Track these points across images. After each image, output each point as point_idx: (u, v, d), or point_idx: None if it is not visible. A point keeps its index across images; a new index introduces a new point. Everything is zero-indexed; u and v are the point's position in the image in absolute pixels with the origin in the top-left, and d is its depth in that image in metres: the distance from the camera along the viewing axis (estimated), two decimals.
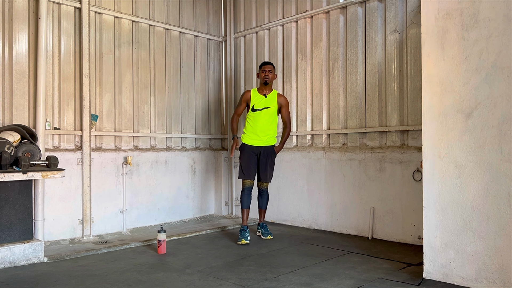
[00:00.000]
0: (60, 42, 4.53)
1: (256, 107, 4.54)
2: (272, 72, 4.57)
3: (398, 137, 4.37)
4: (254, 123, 4.54)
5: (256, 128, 4.53)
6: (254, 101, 4.56)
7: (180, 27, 5.70)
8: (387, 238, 4.37)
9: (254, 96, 4.58)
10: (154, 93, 5.39)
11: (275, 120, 4.64)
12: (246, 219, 4.55)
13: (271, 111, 4.57)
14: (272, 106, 4.56)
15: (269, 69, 4.56)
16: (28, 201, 3.78)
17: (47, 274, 3.33)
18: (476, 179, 2.87)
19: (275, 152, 4.66)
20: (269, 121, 4.56)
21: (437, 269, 3.04)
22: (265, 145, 4.56)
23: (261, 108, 4.53)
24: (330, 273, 3.26)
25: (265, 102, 4.54)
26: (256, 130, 4.53)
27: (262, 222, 4.69)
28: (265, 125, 4.54)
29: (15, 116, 4.16)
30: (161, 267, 3.50)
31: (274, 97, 4.60)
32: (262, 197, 4.68)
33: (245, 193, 4.57)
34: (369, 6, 4.58)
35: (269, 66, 4.59)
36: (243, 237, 4.34)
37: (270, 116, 4.57)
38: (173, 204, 5.54)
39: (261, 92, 4.59)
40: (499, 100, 2.78)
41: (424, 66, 3.14)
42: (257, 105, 4.54)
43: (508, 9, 2.76)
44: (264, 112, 4.53)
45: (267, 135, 4.56)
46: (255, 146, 4.54)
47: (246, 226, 4.48)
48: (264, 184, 4.64)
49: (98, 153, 4.76)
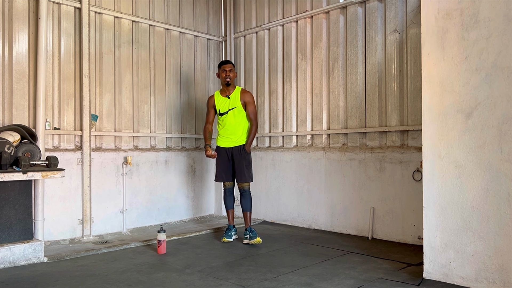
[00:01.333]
0: (60, 42, 4.53)
1: (222, 111, 4.49)
2: (232, 71, 4.50)
3: (398, 137, 4.37)
4: (224, 126, 4.51)
5: (226, 130, 4.50)
6: (219, 105, 4.52)
7: (180, 27, 5.70)
8: (387, 238, 4.37)
9: (218, 100, 4.53)
10: (154, 93, 5.39)
11: (244, 119, 4.52)
12: (232, 218, 4.57)
13: (236, 111, 4.48)
14: (236, 106, 4.48)
15: (229, 68, 4.48)
16: (28, 201, 3.78)
17: (47, 274, 3.33)
18: (476, 179, 2.87)
19: (247, 150, 4.50)
20: (236, 122, 4.49)
21: (437, 269, 3.04)
22: (236, 145, 4.49)
23: (226, 111, 4.47)
24: (330, 273, 3.26)
25: (229, 104, 4.48)
26: (226, 132, 4.51)
27: (249, 226, 4.41)
28: (234, 126, 4.48)
29: (15, 116, 4.16)
30: (161, 267, 3.50)
31: (237, 95, 4.49)
32: (245, 198, 4.47)
33: (227, 195, 4.56)
34: (369, 6, 4.58)
35: (229, 65, 4.51)
36: (226, 235, 4.42)
37: (236, 116, 4.49)
38: (173, 204, 5.54)
39: (224, 93, 4.52)
40: (499, 100, 2.78)
41: (424, 66, 3.14)
42: (222, 109, 4.49)
43: (508, 9, 2.76)
44: (230, 114, 4.47)
45: (236, 135, 4.50)
46: (227, 148, 4.50)
47: (232, 225, 4.53)
48: (245, 185, 4.48)
49: (98, 153, 4.76)
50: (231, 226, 4.51)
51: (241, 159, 4.46)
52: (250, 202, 4.50)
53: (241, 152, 4.49)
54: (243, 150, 4.50)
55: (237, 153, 4.49)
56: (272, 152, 5.53)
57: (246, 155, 4.49)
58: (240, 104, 4.49)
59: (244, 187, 4.49)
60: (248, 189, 4.50)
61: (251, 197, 4.52)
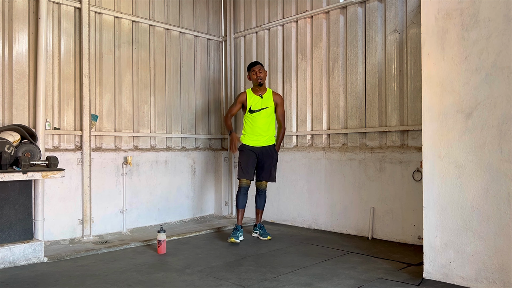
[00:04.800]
0: (60, 42, 4.53)
1: (253, 108, 4.53)
2: (262, 72, 4.55)
3: (398, 137, 4.37)
4: (253, 124, 4.54)
5: (255, 129, 4.53)
6: (251, 102, 4.55)
7: (180, 27, 5.70)
8: (387, 238, 4.37)
9: (250, 97, 4.56)
10: (154, 93, 5.39)
11: (273, 120, 4.65)
12: (241, 219, 4.53)
13: (269, 111, 4.57)
14: (269, 106, 4.56)
15: (259, 69, 4.54)
16: (28, 201, 3.78)
17: (47, 274, 3.33)
18: (476, 179, 2.87)
19: (277, 151, 4.65)
20: (267, 121, 4.57)
21: (437, 269, 3.04)
22: (265, 145, 4.56)
23: (259, 109, 4.53)
24: (330, 273, 3.26)
25: (262, 103, 4.54)
26: (255, 131, 4.53)
27: (259, 223, 4.66)
28: (264, 126, 4.55)
29: (15, 116, 4.16)
30: (161, 267, 3.50)
31: (270, 96, 4.60)
32: (260, 197, 4.66)
33: (242, 193, 4.52)
34: (369, 6, 4.58)
35: (258, 66, 4.58)
36: (234, 235, 4.35)
37: (269, 116, 4.57)
38: (173, 204, 5.53)
39: (256, 92, 4.58)
40: (499, 100, 2.78)
41: (424, 66, 3.14)
42: (254, 106, 4.53)
43: (508, 9, 2.76)
44: (263, 113, 4.53)
45: (267, 135, 4.57)
46: (255, 147, 4.53)
47: (240, 225, 4.46)
48: (263, 184, 4.61)
49: (98, 153, 4.76)
50: (239, 227, 4.44)
51: (271, 159, 4.56)
52: (265, 201, 4.70)
53: (271, 152, 4.57)
54: (274, 150, 4.60)
55: (266, 153, 4.54)
56: None
57: (276, 155, 4.62)
58: (273, 105, 4.59)
59: (263, 186, 4.62)
60: (266, 189, 4.67)
61: (266, 197, 4.70)
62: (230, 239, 4.34)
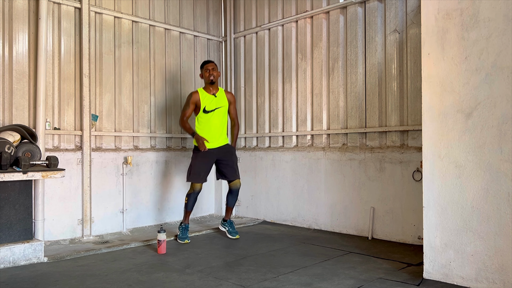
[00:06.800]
0: (60, 42, 4.53)
1: (208, 108, 4.42)
2: (215, 70, 4.48)
3: (398, 137, 4.37)
4: (208, 124, 4.43)
5: (210, 130, 4.42)
6: (205, 102, 4.42)
7: (180, 27, 5.70)
8: (387, 238, 4.37)
9: (203, 97, 4.43)
10: (154, 93, 5.39)
11: (226, 119, 4.59)
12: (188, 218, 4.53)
13: (223, 111, 4.50)
14: (223, 106, 4.50)
15: (212, 67, 4.46)
16: (28, 201, 3.78)
17: (47, 274, 3.33)
18: (476, 179, 2.87)
19: (234, 149, 4.61)
20: (222, 121, 4.50)
21: (437, 269, 3.04)
22: (221, 144, 4.49)
23: (214, 108, 4.43)
24: (330, 273, 3.26)
25: (216, 102, 4.45)
26: (210, 132, 4.42)
27: (229, 219, 4.67)
28: (219, 126, 4.47)
29: (15, 116, 4.16)
30: (161, 267, 3.50)
31: (223, 95, 4.53)
32: (233, 196, 4.60)
33: (193, 197, 4.45)
34: (369, 6, 4.58)
35: (212, 64, 4.50)
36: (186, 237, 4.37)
37: (223, 116, 4.51)
38: (173, 204, 5.53)
39: (210, 92, 4.48)
40: (499, 100, 2.78)
41: (424, 66, 3.14)
42: (209, 106, 4.42)
43: (508, 9, 2.76)
44: (217, 113, 4.45)
45: (222, 135, 4.50)
46: (213, 149, 4.42)
47: (187, 224, 4.48)
48: (238, 183, 4.54)
49: (98, 153, 4.76)
50: (188, 225, 4.48)
51: (231, 157, 4.52)
52: (237, 199, 4.69)
53: (229, 151, 4.53)
54: (232, 148, 4.56)
55: (225, 152, 4.49)
56: (272, 152, 5.53)
57: (235, 152, 4.62)
58: (227, 104, 4.54)
59: (238, 185, 4.56)
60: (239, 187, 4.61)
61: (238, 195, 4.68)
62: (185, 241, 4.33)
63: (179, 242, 4.36)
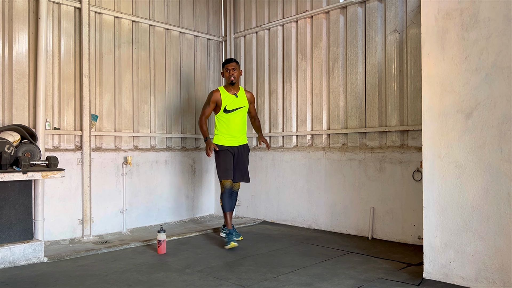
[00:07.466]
0: (60, 42, 4.53)
1: (229, 108, 4.35)
2: (236, 70, 4.36)
3: (398, 137, 4.37)
4: (228, 124, 4.39)
5: (230, 129, 4.39)
6: (226, 101, 4.35)
7: (180, 27, 5.70)
8: (387, 238, 4.37)
9: (224, 97, 4.35)
10: (154, 93, 5.39)
11: (246, 119, 4.57)
12: (231, 221, 4.29)
13: (244, 111, 4.47)
14: (244, 106, 4.46)
15: (233, 67, 4.34)
16: (28, 201, 3.78)
17: (47, 274, 3.33)
18: (476, 179, 2.87)
19: (249, 150, 4.60)
20: (242, 121, 4.47)
21: (437, 269, 3.04)
22: (240, 144, 4.47)
23: (235, 108, 4.38)
24: (330, 273, 3.26)
25: (237, 102, 4.40)
26: (231, 131, 4.39)
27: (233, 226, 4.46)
28: (239, 125, 4.44)
29: (15, 116, 4.16)
30: (161, 267, 3.50)
31: (244, 95, 4.48)
32: (234, 199, 4.45)
33: (227, 195, 4.29)
34: (369, 6, 4.58)
35: (232, 63, 4.36)
36: (232, 240, 4.08)
37: (243, 116, 4.49)
38: (173, 204, 5.54)
39: (230, 91, 4.39)
40: (499, 100, 2.78)
41: (424, 66, 3.14)
42: (229, 106, 4.36)
43: (508, 9, 2.76)
44: (237, 112, 4.41)
45: (242, 134, 4.49)
46: (230, 147, 4.39)
47: (232, 229, 4.22)
48: (238, 186, 4.47)
49: (98, 153, 4.76)
50: (232, 230, 4.20)
51: (245, 159, 4.51)
52: (236, 203, 4.50)
53: (246, 151, 4.53)
54: (247, 149, 4.56)
55: (241, 153, 4.47)
56: (272, 152, 5.53)
57: (248, 154, 4.59)
58: (247, 104, 4.51)
59: (237, 187, 4.50)
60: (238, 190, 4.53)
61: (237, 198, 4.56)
62: (229, 245, 4.04)
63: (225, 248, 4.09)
